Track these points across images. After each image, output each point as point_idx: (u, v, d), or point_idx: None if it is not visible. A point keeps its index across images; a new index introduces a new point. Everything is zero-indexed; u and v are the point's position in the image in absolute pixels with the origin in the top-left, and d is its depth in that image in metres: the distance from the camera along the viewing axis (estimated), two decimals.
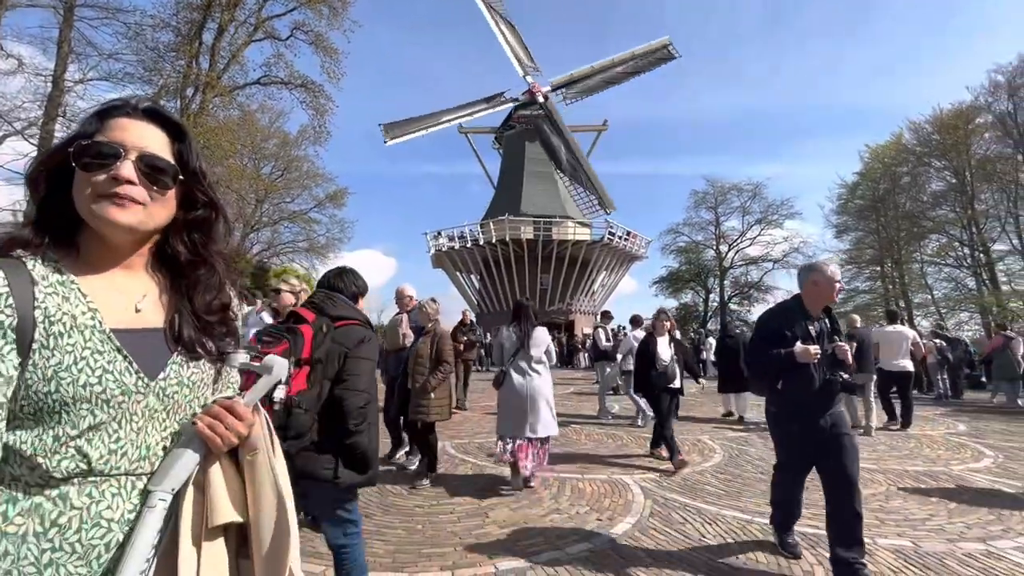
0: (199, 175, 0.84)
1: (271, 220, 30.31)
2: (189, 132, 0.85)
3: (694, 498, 4.01)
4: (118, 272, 0.81)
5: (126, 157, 0.75)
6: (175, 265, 0.86)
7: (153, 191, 0.78)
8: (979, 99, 26.93)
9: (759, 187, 36.59)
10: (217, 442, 0.78)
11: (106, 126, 0.77)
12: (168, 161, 0.80)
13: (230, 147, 18.19)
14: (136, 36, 16.83)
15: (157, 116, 0.82)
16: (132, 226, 0.76)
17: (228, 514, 0.80)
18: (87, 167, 0.74)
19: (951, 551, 3.00)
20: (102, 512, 0.71)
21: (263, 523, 0.82)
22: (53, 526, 0.67)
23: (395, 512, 3.66)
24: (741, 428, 7.34)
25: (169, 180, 0.79)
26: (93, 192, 0.74)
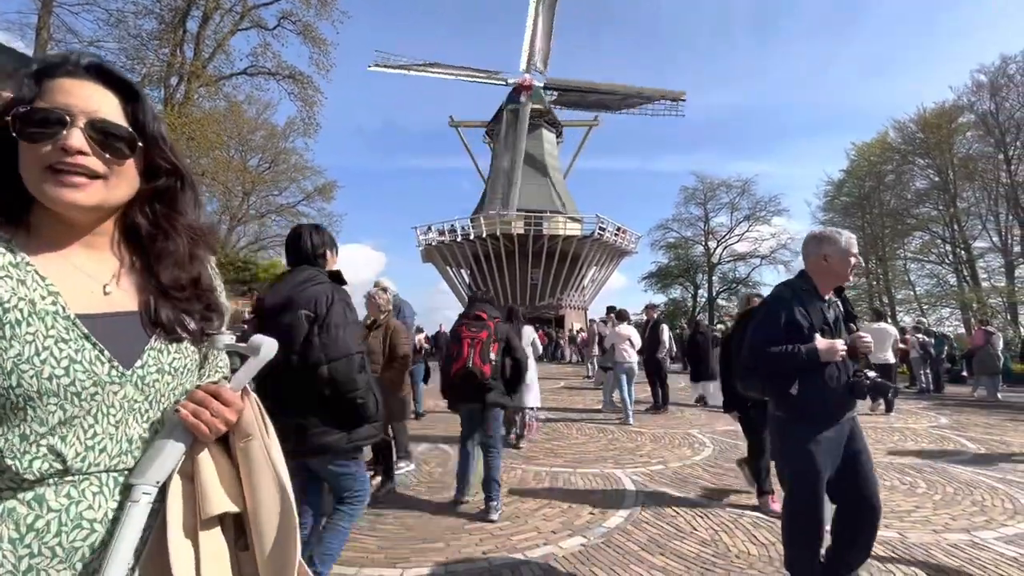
0: (159, 139, 0.75)
1: (258, 213, 29.94)
2: (142, 91, 0.75)
3: (685, 492, 4.04)
4: (79, 251, 0.73)
5: (73, 124, 0.66)
6: (138, 239, 0.78)
7: (109, 160, 0.69)
8: (962, 99, 27.40)
9: (748, 184, 36.93)
10: (203, 429, 0.73)
11: (46, 88, 0.67)
12: (122, 126, 0.70)
13: (216, 138, 17.87)
14: (118, 23, 16.46)
15: (104, 74, 0.71)
16: (90, 206, 0.69)
17: (222, 504, 0.75)
18: (31, 137, 0.65)
19: (937, 542, 3.05)
20: (83, 513, 0.66)
21: (264, 512, 0.77)
22: (30, 531, 0.62)
23: (389, 508, 3.64)
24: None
25: (125, 147, 0.70)
26: (41, 166, 0.65)
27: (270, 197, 29.99)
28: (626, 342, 7.61)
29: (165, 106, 16.45)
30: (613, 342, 7.74)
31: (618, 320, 8.00)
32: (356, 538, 3.08)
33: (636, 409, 7.36)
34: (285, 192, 30.44)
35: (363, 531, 3.19)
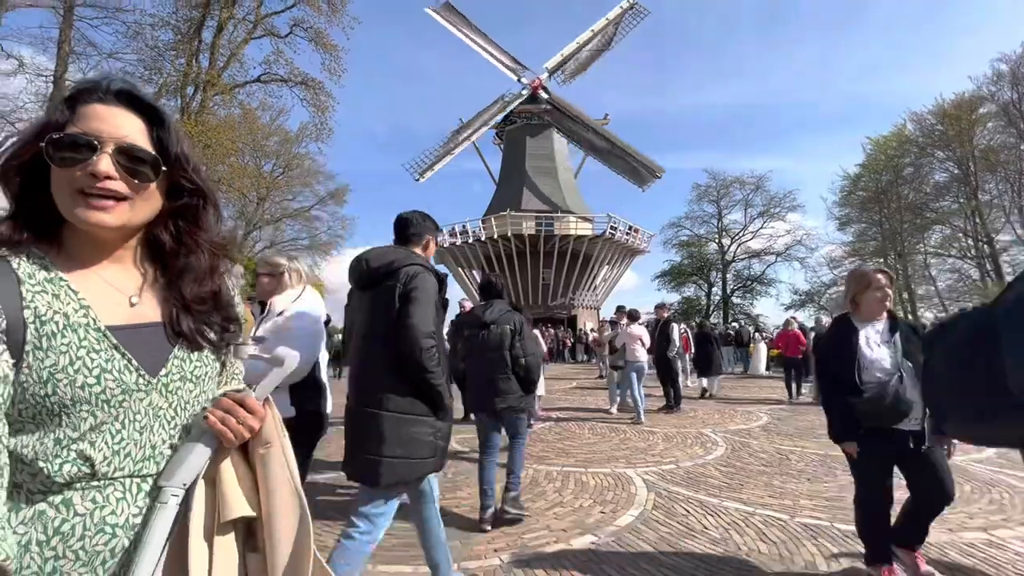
0: (183, 161, 0.79)
1: (273, 218, 30.37)
2: (168, 115, 0.79)
3: (696, 491, 4.04)
4: (107, 266, 0.77)
5: (102, 150, 0.70)
6: (162, 254, 0.83)
7: (135, 183, 0.73)
8: (982, 88, 26.74)
9: (761, 180, 36.49)
10: (229, 436, 0.77)
11: (78, 115, 0.72)
12: (148, 151, 0.74)
13: (231, 145, 18.21)
14: (136, 35, 16.88)
15: (132, 100, 0.75)
16: (116, 227, 0.73)
17: (241, 508, 0.79)
18: (62, 163, 0.69)
19: (953, 541, 3.03)
20: (106, 517, 0.69)
21: (280, 516, 0.81)
22: (56, 534, 0.65)
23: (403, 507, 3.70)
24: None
25: (150, 171, 0.74)
26: (71, 190, 0.70)
27: (284, 202, 30.44)
28: (637, 341, 7.65)
29: (182, 115, 16.82)
30: (624, 341, 7.77)
31: (629, 320, 8.01)
32: None
33: (648, 408, 7.36)
34: (299, 196, 30.88)
35: None
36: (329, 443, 5.98)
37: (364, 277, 2.16)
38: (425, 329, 1.97)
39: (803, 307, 35.63)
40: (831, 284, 34.69)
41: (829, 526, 3.27)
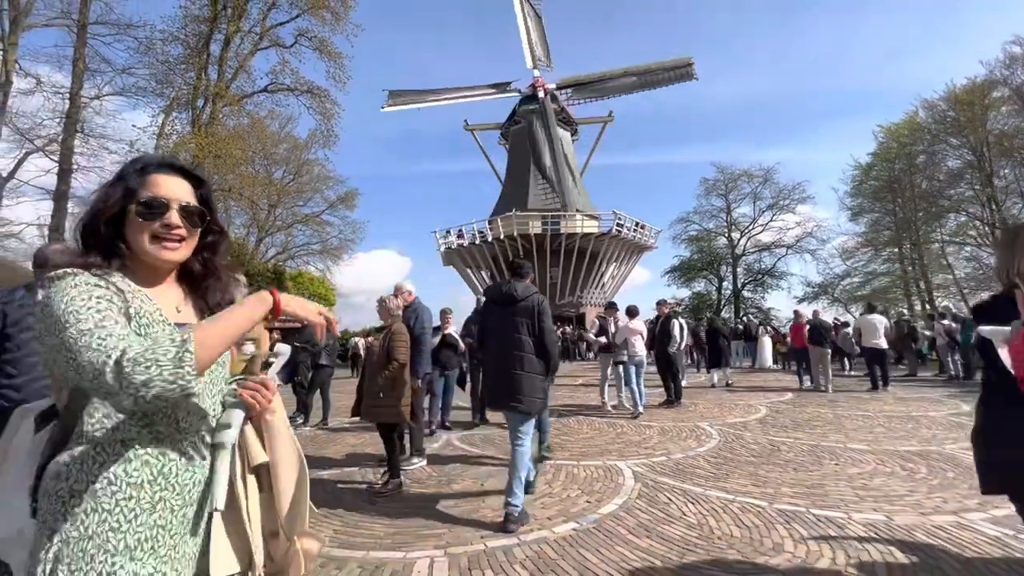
0: (215, 211, 1.12)
1: (284, 224, 30.90)
2: (207, 179, 1.12)
3: (683, 481, 4.18)
4: (160, 285, 1.06)
5: (172, 208, 1.01)
6: (192, 276, 1.13)
7: (190, 230, 1.05)
8: (995, 72, 26.19)
9: (770, 172, 36.19)
10: (257, 407, 1.10)
11: (146, 181, 1.01)
12: (198, 207, 1.06)
13: (241, 155, 18.63)
14: (147, 50, 17.35)
15: (182, 169, 1.07)
16: (180, 260, 1.05)
17: (261, 456, 1.13)
18: (145, 217, 0.99)
19: (921, 523, 3.13)
20: (189, 459, 0.98)
21: (284, 464, 1.16)
22: (160, 474, 0.92)
23: (398, 500, 3.91)
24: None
25: (199, 220, 1.06)
26: (149, 235, 0.99)
27: (295, 208, 30.95)
28: (636, 336, 7.78)
29: (193, 126, 17.28)
30: (625, 336, 7.87)
31: (628, 315, 8.12)
32: (365, 524, 3.36)
33: (648, 403, 7.48)
34: (309, 202, 31.37)
35: (373, 518, 3.47)
36: (334, 443, 6.21)
37: (510, 298, 3.63)
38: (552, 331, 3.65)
39: (816, 299, 35.22)
40: (844, 276, 34.28)
41: (805, 511, 3.39)
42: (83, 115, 16.46)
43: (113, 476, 0.89)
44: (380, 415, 4.02)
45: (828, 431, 6.06)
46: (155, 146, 17.55)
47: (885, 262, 33.20)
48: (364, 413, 4.14)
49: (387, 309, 4.25)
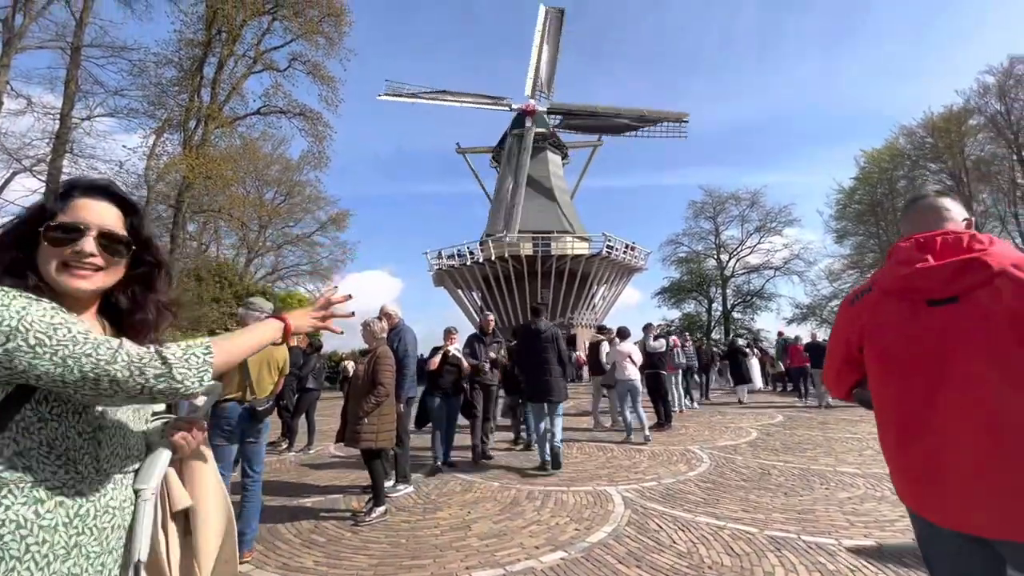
0: (148, 241, 1.02)
1: (274, 245, 30.82)
2: (140, 207, 1.02)
3: (673, 507, 4.12)
4: (82, 316, 0.96)
5: (88, 234, 0.91)
6: (117, 311, 1.03)
7: (110, 259, 0.94)
8: (970, 101, 27.20)
9: (756, 195, 36.91)
10: (186, 450, 1.02)
11: (69, 205, 0.93)
12: (124, 236, 0.96)
13: (233, 176, 18.65)
14: (141, 73, 17.44)
15: (112, 194, 0.98)
16: (92, 290, 0.94)
17: (185, 500, 1.03)
18: (54, 242, 0.90)
19: (912, 549, 3.10)
20: (108, 502, 0.88)
21: (209, 510, 1.06)
22: (76, 516, 0.83)
23: (381, 528, 3.80)
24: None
25: (124, 250, 0.96)
26: (58, 262, 0.90)
27: (286, 229, 30.92)
28: (627, 359, 7.65)
29: (184, 148, 17.29)
30: (615, 360, 7.82)
31: (619, 338, 8.08)
32: (347, 555, 3.26)
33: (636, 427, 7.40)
34: (300, 223, 31.36)
35: (356, 549, 3.36)
36: (318, 468, 6.07)
37: (538, 332, 5.75)
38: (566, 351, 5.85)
39: (805, 320, 35.59)
40: (832, 297, 34.68)
41: (796, 538, 3.34)
42: (73, 136, 16.44)
43: (23, 519, 0.79)
44: (364, 441, 3.93)
45: (818, 454, 6.03)
46: (145, 167, 17.53)
47: None
48: (348, 439, 4.03)
49: (371, 332, 4.19)
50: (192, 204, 18.28)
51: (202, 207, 19.11)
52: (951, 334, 1.19)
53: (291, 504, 4.49)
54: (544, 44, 29.37)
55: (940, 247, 1.25)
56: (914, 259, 1.26)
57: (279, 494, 4.81)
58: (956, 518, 1.17)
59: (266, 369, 3.32)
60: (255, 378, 3.21)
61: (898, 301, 1.29)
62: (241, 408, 3.19)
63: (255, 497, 3.34)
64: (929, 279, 1.22)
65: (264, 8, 18.06)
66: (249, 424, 3.23)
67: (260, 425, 3.31)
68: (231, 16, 16.95)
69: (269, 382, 3.36)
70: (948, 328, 1.19)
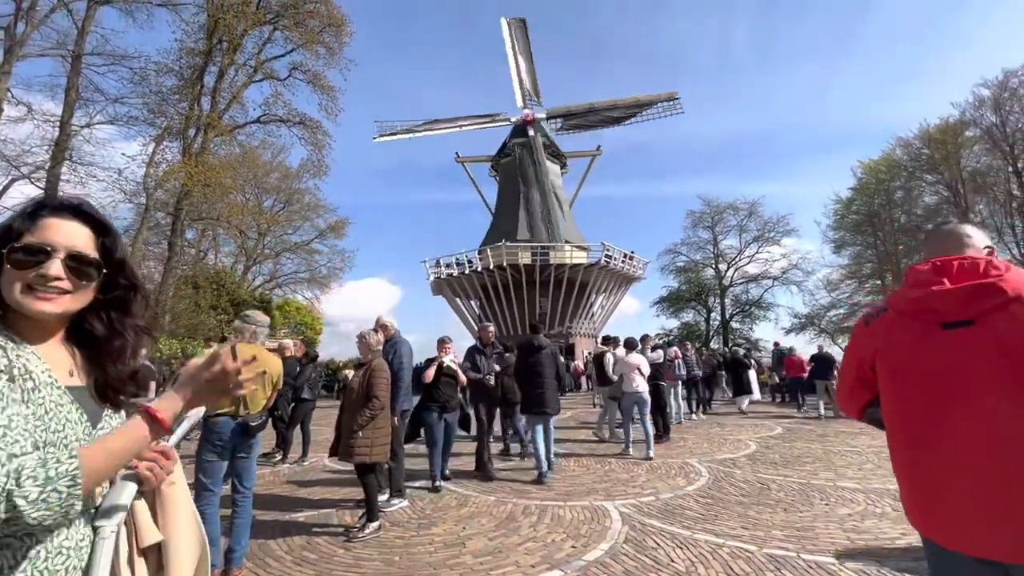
0: (121, 263, 0.96)
1: (273, 252, 30.80)
2: (113, 227, 0.97)
3: (671, 523, 4.06)
4: (51, 342, 0.92)
5: (55, 256, 0.86)
6: (91, 337, 0.97)
7: (78, 282, 0.89)
8: (966, 113, 27.38)
9: (755, 205, 37.01)
10: (154, 481, 0.94)
11: (37, 225, 0.87)
12: (93, 257, 0.91)
13: (232, 183, 18.68)
14: (141, 81, 17.56)
15: (84, 214, 0.93)
16: (57, 315, 0.88)
17: (155, 536, 0.96)
18: (18, 265, 0.84)
19: (915, 568, 3.05)
20: (62, 543, 0.81)
21: (181, 545, 0.99)
22: (26, 559, 0.76)
23: (375, 544, 3.74)
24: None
25: (93, 272, 0.91)
26: (22, 285, 0.84)
27: (284, 236, 30.92)
28: (635, 371, 7.30)
29: (183, 155, 17.32)
30: (622, 371, 7.48)
31: (626, 348, 7.83)
32: (340, 574, 3.20)
33: (635, 439, 7.34)
34: (299, 231, 31.37)
35: (348, 567, 3.30)
36: (312, 481, 6.00)
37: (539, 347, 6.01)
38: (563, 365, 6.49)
39: (803, 330, 35.55)
40: (830, 307, 34.70)
41: (795, 556, 3.29)
42: (72, 143, 16.46)
43: None
44: (358, 455, 3.86)
45: (818, 468, 5.98)
46: (144, 174, 17.54)
47: (868, 294, 33.72)
48: (341, 453, 3.97)
49: (367, 344, 4.13)
50: (191, 212, 18.28)
51: (201, 215, 19.10)
52: (964, 357, 1.19)
53: (283, 519, 4.42)
54: (518, 55, 29.58)
55: (956, 271, 1.26)
56: (930, 281, 1.27)
57: (271, 508, 4.74)
58: (967, 542, 1.16)
59: (260, 383, 3.27)
60: (249, 394, 3.16)
61: (912, 322, 1.30)
62: (233, 423, 3.14)
63: (245, 513, 3.28)
64: (944, 302, 1.23)
65: (265, 18, 18.20)
66: (241, 439, 3.18)
67: (252, 440, 3.26)
68: (232, 26, 17.07)
69: (262, 397, 3.31)
70: (961, 351, 1.20)
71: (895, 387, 1.32)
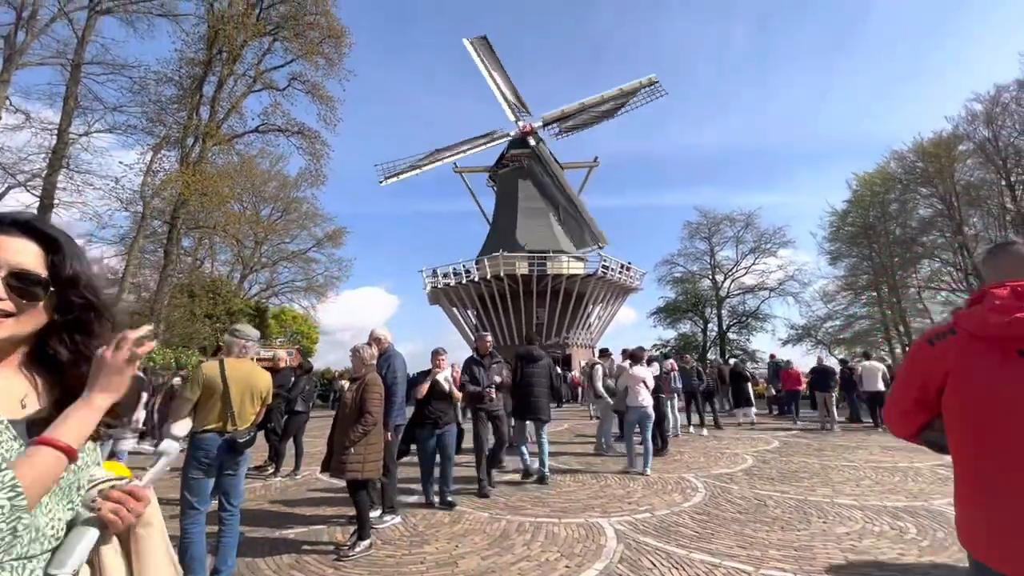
0: (76, 280, 0.88)
1: (270, 261, 30.70)
2: (65, 242, 0.89)
3: (667, 541, 4.00)
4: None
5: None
6: (56, 363, 0.89)
7: (22, 303, 0.82)
8: (959, 128, 27.69)
9: (751, 217, 37.12)
10: (119, 525, 0.85)
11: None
12: (39, 275, 0.83)
13: (229, 192, 18.67)
14: (141, 90, 17.57)
15: (31, 229, 0.86)
16: (2, 340, 0.81)
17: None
18: None
19: None
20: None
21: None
22: None
23: (365, 563, 3.66)
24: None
25: (40, 291, 0.83)
26: None
27: (281, 245, 30.84)
28: (640, 384, 7.10)
29: (181, 164, 17.32)
30: (627, 384, 7.27)
31: (631, 361, 7.55)
32: None
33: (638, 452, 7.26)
34: (296, 239, 31.30)
35: None
36: (303, 496, 5.91)
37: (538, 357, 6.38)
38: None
39: (800, 342, 35.55)
40: (826, 318, 34.74)
41: None
42: (70, 151, 16.44)
43: None
44: (350, 471, 3.80)
45: (815, 484, 5.92)
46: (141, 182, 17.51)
47: (864, 306, 33.85)
48: (333, 469, 3.90)
49: (361, 359, 4.08)
50: (187, 220, 18.25)
51: (198, 223, 19.07)
52: None
53: (272, 536, 4.34)
54: (492, 72, 29.86)
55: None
56: (1012, 308, 1.25)
57: (261, 524, 4.66)
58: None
59: (248, 399, 3.22)
60: (237, 409, 3.12)
61: (988, 349, 1.27)
62: (220, 439, 3.08)
63: (232, 532, 3.21)
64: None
65: (265, 29, 18.33)
66: (228, 456, 3.12)
67: (239, 457, 3.20)
68: (232, 37, 17.17)
69: (251, 413, 3.26)
70: None
71: (965, 414, 1.30)
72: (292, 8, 18.58)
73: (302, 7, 18.67)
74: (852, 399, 13.08)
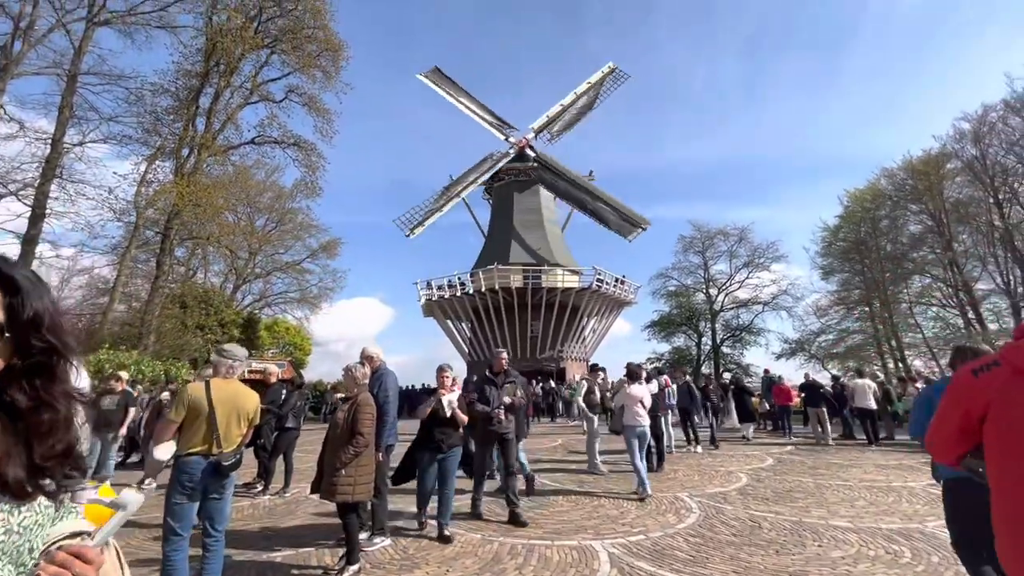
0: (36, 323, 0.81)
1: (264, 272, 30.55)
2: (24, 283, 0.82)
3: (661, 566, 3.94)
4: None
5: None
6: (14, 409, 0.82)
7: None
8: (947, 146, 28.18)
9: (745, 231, 37.42)
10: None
11: None
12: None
13: (224, 203, 18.62)
14: (137, 101, 17.59)
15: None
16: None
17: None
18: None
19: None
20: None
21: None
22: None
23: None
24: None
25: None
26: None
27: (275, 255, 30.74)
28: (638, 404, 6.88)
29: (175, 175, 17.28)
30: (623, 403, 7.03)
31: (629, 378, 7.33)
32: None
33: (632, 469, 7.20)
34: (290, 250, 31.21)
35: None
36: (292, 515, 5.81)
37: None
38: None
39: (793, 356, 35.64)
40: (819, 333, 34.89)
41: None
42: (64, 161, 16.37)
43: None
44: (340, 494, 3.72)
45: (810, 504, 5.88)
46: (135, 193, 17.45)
47: (857, 320, 34.05)
48: (323, 491, 3.82)
49: (353, 379, 4.03)
50: (180, 231, 18.16)
51: (191, 234, 18.99)
52: None
53: (259, 559, 4.24)
54: (457, 99, 30.39)
55: None
56: None
57: (247, 546, 4.55)
58: None
59: (235, 421, 3.16)
60: (223, 432, 3.05)
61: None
62: (205, 462, 3.01)
63: (216, 558, 3.13)
64: None
65: (263, 42, 18.44)
66: (213, 479, 3.05)
67: (224, 480, 3.13)
68: (230, 49, 17.25)
69: (237, 435, 3.20)
70: None
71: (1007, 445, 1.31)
72: (291, 22, 18.74)
73: (300, 21, 18.84)
74: (843, 415, 13.08)
